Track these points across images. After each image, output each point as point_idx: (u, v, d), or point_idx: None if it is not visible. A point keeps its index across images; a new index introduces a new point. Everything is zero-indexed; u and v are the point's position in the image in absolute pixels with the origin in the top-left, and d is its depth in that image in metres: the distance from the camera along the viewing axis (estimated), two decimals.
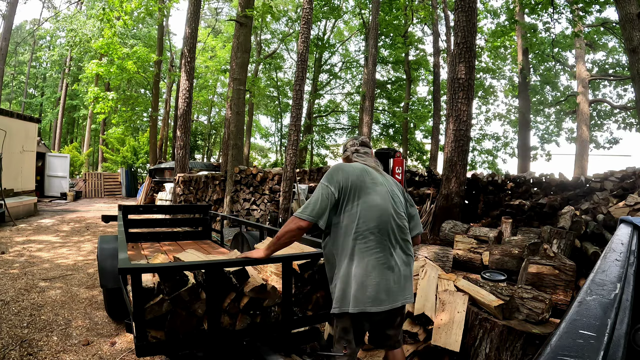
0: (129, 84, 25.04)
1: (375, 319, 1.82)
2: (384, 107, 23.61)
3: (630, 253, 1.19)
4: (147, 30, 27.55)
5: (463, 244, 4.04)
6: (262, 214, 8.29)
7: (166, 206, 6.12)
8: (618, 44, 14.88)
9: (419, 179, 8.48)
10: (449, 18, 13.55)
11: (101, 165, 24.53)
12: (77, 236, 7.64)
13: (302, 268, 2.24)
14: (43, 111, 32.04)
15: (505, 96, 20.00)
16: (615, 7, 6.12)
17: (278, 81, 25.31)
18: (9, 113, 10.73)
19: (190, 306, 1.81)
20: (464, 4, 6.34)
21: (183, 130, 11.07)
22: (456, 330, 2.29)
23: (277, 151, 29.94)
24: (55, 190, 15.57)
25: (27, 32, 31.10)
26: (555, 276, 2.90)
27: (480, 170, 18.35)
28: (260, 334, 2.05)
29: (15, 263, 5.25)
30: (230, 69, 12.24)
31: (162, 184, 13.92)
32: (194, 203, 10.00)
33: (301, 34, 7.58)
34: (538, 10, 11.10)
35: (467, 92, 6.27)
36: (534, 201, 6.29)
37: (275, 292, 2.04)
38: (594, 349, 0.51)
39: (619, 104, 15.75)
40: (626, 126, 16.24)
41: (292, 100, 7.73)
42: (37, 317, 3.44)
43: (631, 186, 4.92)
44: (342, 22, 23.95)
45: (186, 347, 1.82)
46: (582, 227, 3.80)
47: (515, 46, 15.97)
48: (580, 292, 0.77)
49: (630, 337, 0.86)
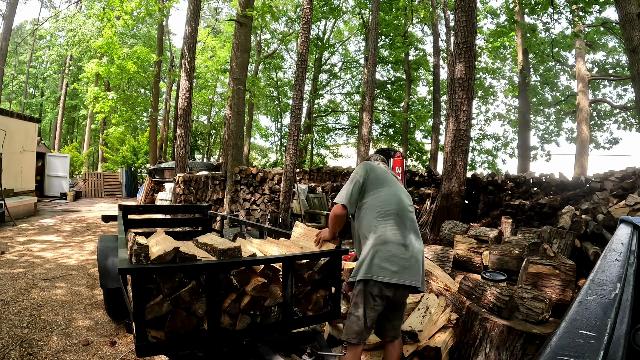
0: (129, 83, 25.04)
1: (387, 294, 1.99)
2: (384, 107, 23.60)
3: (630, 253, 1.19)
4: (147, 30, 27.53)
5: (463, 244, 4.04)
6: (262, 214, 8.28)
7: (166, 206, 6.10)
8: (618, 44, 14.87)
9: (419, 179, 8.48)
10: (449, 18, 13.54)
11: (101, 165, 24.52)
12: (77, 236, 7.64)
13: (302, 268, 2.24)
14: (43, 111, 32.03)
15: (505, 96, 20.01)
16: (615, 7, 6.12)
17: (278, 81, 25.30)
18: (9, 113, 10.72)
19: (190, 306, 1.81)
20: (464, 4, 6.34)
21: (183, 130, 11.06)
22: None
23: (277, 151, 29.94)
24: (55, 190, 15.56)
25: (27, 32, 31.09)
26: (555, 276, 2.90)
27: (480, 170, 18.36)
28: (260, 334, 2.05)
29: (15, 263, 5.25)
30: (230, 69, 12.24)
31: (162, 184, 13.91)
32: (194, 203, 10.00)
33: (301, 34, 7.58)
34: (538, 11, 11.10)
35: (467, 92, 6.27)
36: (534, 201, 6.29)
37: (276, 291, 2.04)
38: (594, 349, 0.51)
39: (619, 104, 15.74)
40: (626, 126, 16.23)
41: (292, 100, 7.73)
42: (37, 317, 3.44)
43: (631, 186, 4.92)
44: (342, 22, 23.95)
45: (186, 347, 1.82)
46: (582, 227, 3.81)
47: (515, 46, 15.96)
48: (580, 292, 0.77)
49: (630, 337, 0.86)
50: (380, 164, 2.42)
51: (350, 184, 2.20)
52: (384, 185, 2.18)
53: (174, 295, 1.75)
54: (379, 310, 2.01)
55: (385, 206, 2.08)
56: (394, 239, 2.00)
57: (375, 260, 1.97)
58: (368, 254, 1.99)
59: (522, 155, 15.20)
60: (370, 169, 2.24)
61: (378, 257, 1.97)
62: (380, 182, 2.19)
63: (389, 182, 2.22)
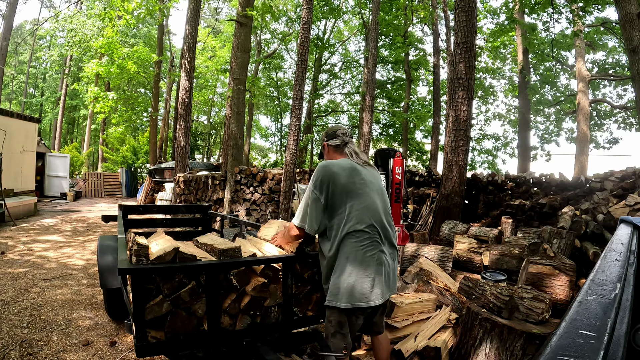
0: (129, 83, 25.04)
1: (368, 312, 1.92)
2: (384, 107, 23.60)
3: (630, 253, 1.19)
4: (147, 30, 27.54)
5: (463, 244, 4.04)
6: (262, 214, 8.29)
7: (166, 206, 6.11)
8: (618, 44, 14.87)
9: (419, 179, 8.48)
10: (449, 18, 13.54)
11: (101, 165, 24.52)
12: (78, 236, 7.64)
13: (302, 268, 2.24)
14: (43, 111, 32.03)
15: (505, 96, 20.01)
16: (615, 7, 6.12)
17: (278, 81, 25.30)
18: (9, 113, 10.72)
19: (190, 307, 1.81)
20: (464, 4, 6.34)
21: (183, 130, 11.06)
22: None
23: (277, 151, 29.94)
24: (55, 190, 15.56)
25: (27, 32, 31.08)
26: (555, 276, 2.90)
27: (480, 170, 18.35)
28: (260, 334, 2.05)
29: (16, 263, 5.25)
30: (230, 69, 12.24)
31: (162, 184, 13.91)
32: (194, 203, 10.00)
33: (301, 34, 7.58)
34: (538, 10, 11.10)
35: (467, 92, 6.27)
36: (534, 201, 6.29)
37: (276, 291, 2.04)
38: (594, 349, 0.51)
39: (619, 104, 15.74)
40: (626, 126, 16.23)
41: (292, 100, 7.73)
42: (37, 317, 3.44)
43: (631, 186, 4.91)
44: (342, 22, 23.95)
45: (186, 347, 1.82)
46: (582, 227, 3.80)
47: (515, 46, 15.96)
48: (580, 292, 0.77)
49: (630, 337, 0.86)
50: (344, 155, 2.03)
51: (309, 202, 1.86)
52: (352, 195, 1.84)
53: (173, 296, 1.75)
54: (361, 323, 1.95)
55: (356, 224, 1.81)
56: (370, 259, 1.80)
57: (357, 287, 1.77)
58: (346, 280, 1.79)
59: (522, 155, 15.20)
60: (331, 180, 1.84)
61: (359, 283, 1.78)
62: (346, 193, 1.84)
63: (357, 188, 1.86)
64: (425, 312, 2.88)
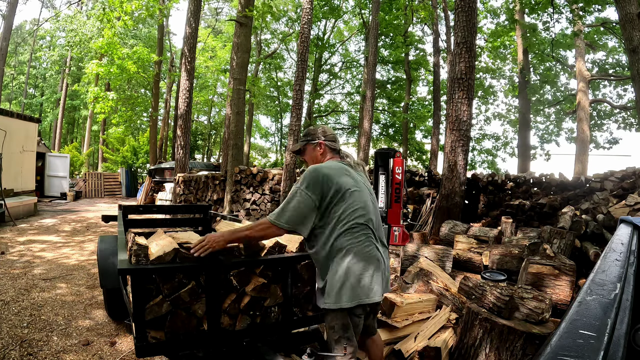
0: (129, 84, 25.04)
1: (367, 310, 1.91)
2: (384, 107, 23.60)
3: (630, 253, 1.19)
4: (147, 30, 27.56)
5: (463, 244, 4.04)
6: (262, 214, 8.28)
7: (166, 206, 6.10)
8: (618, 44, 14.86)
9: (419, 179, 8.47)
10: (449, 18, 13.55)
11: (101, 165, 24.52)
12: (78, 236, 7.64)
13: (303, 268, 2.24)
14: (43, 111, 32.04)
15: (505, 96, 20.00)
16: (615, 7, 6.12)
17: (278, 81, 25.31)
18: (9, 113, 10.72)
19: (190, 307, 1.81)
20: (464, 4, 6.34)
21: (183, 130, 11.06)
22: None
23: (277, 151, 29.96)
24: (55, 190, 15.56)
25: (27, 32, 31.11)
26: (555, 276, 2.90)
27: (480, 170, 18.35)
28: (260, 334, 2.05)
29: (16, 263, 5.25)
30: (230, 69, 12.25)
31: (162, 184, 13.91)
32: (194, 203, 10.00)
33: (301, 34, 7.58)
34: (538, 10, 11.10)
35: (467, 91, 6.27)
36: (534, 201, 6.29)
37: (277, 291, 2.04)
38: (594, 349, 0.51)
39: (619, 104, 15.74)
40: (626, 126, 16.21)
41: (292, 100, 7.74)
42: (37, 317, 3.44)
43: (631, 186, 4.91)
44: (342, 22, 23.94)
45: (186, 347, 1.82)
46: (582, 227, 3.81)
47: (515, 46, 15.96)
48: (580, 292, 0.77)
49: (630, 337, 0.86)
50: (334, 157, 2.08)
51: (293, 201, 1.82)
52: (345, 196, 1.85)
53: (173, 296, 1.75)
54: (362, 324, 1.94)
55: (351, 222, 1.83)
56: (369, 256, 1.82)
57: (359, 282, 1.79)
58: (345, 277, 1.79)
59: (522, 155, 15.20)
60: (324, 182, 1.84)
61: (360, 279, 1.79)
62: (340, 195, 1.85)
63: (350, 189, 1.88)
64: (425, 312, 2.88)
